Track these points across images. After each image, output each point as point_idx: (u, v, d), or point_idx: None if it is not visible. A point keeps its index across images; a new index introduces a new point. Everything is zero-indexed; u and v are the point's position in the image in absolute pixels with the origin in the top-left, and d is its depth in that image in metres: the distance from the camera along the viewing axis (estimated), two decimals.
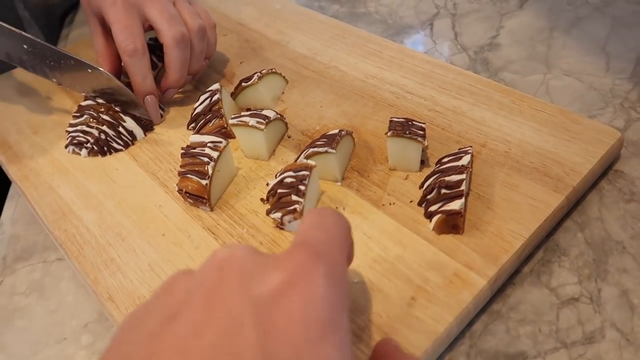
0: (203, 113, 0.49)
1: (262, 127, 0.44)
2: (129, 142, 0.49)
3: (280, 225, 0.40)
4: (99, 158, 0.48)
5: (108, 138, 0.48)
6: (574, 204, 0.41)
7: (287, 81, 0.55)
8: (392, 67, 0.55)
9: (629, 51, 0.57)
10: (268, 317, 0.19)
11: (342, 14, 0.72)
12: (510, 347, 0.33)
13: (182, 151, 0.43)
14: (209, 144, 0.42)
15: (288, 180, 0.39)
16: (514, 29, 0.64)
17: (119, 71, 0.54)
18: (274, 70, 0.52)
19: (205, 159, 0.41)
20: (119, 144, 0.48)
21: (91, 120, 0.48)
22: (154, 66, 0.55)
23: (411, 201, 0.40)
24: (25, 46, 0.47)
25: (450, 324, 0.32)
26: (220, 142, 0.43)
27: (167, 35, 0.47)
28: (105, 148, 0.48)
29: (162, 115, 0.52)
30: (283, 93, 0.54)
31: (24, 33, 0.46)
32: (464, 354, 0.34)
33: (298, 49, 0.60)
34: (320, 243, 0.23)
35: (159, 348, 0.19)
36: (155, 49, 0.56)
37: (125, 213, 0.43)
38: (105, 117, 0.48)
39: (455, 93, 0.50)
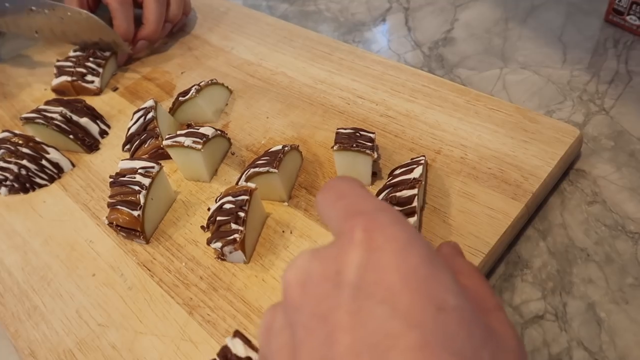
0: (137, 133, 0.45)
1: (199, 147, 0.40)
2: (55, 176, 0.45)
3: (221, 256, 0.36)
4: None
5: (29, 173, 0.43)
6: (536, 210, 0.39)
7: (230, 91, 0.51)
8: (342, 70, 0.52)
9: (585, 40, 0.55)
10: (376, 286, 0.18)
11: (292, 13, 0.69)
12: None
13: (111, 180, 0.39)
14: (139, 170, 0.38)
15: (227, 206, 0.36)
16: (469, 21, 0.61)
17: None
18: (214, 81, 0.49)
19: (137, 187, 0.38)
20: (42, 178, 0.44)
21: (9, 155, 0.43)
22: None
23: None
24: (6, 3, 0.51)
25: None
26: (153, 167, 0.39)
27: None
28: (28, 185, 0.44)
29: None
30: (227, 104, 0.50)
31: None
32: None
33: (243, 55, 0.57)
34: (354, 204, 0.21)
35: None
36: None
37: (52, 252, 0.39)
38: (24, 150, 0.43)
39: (408, 95, 0.47)
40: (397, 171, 0.38)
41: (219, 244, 0.35)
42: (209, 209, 0.38)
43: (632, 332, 0.31)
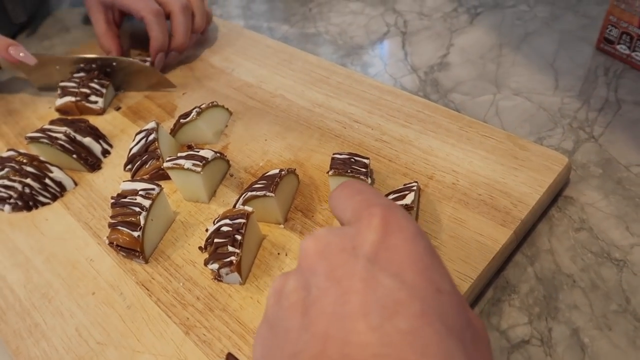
0: (139, 154, 0.46)
1: (199, 169, 0.41)
2: (57, 194, 0.46)
3: (217, 277, 0.37)
4: None
5: (33, 192, 0.44)
6: (524, 236, 0.40)
7: (230, 113, 0.53)
8: (339, 95, 0.53)
9: (577, 67, 0.56)
10: (388, 262, 0.21)
11: (292, 35, 0.71)
12: None
13: (112, 201, 0.40)
14: (140, 192, 0.40)
15: (224, 228, 0.37)
16: (464, 46, 0.63)
17: (120, 49, 0.62)
18: (215, 103, 0.50)
19: (137, 209, 0.39)
20: (45, 197, 0.45)
21: (13, 173, 0.44)
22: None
23: None
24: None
25: None
26: (153, 189, 0.40)
27: (175, 4, 0.57)
28: (31, 203, 0.45)
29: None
30: (226, 126, 0.52)
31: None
32: None
33: (244, 77, 0.58)
34: (371, 198, 0.24)
35: (315, 335, 0.20)
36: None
37: (54, 270, 0.40)
38: (28, 168, 0.44)
39: (403, 120, 0.49)
40: (390, 197, 0.39)
41: (215, 265, 0.36)
42: (207, 230, 0.39)
43: (614, 358, 0.32)
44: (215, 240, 0.37)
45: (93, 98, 0.55)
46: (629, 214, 0.41)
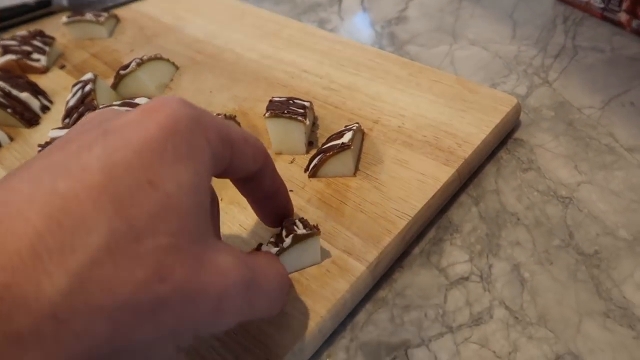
0: (76, 106, 0.44)
1: None
2: None
3: None
4: None
5: None
6: (471, 177, 0.39)
7: (177, 67, 0.51)
8: (290, 47, 0.51)
9: (536, 17, 0.55)
10: (119, 137, 0.19)
11: None
12: (393, 336, 0.31)
13: (39, 148, 0.38)
14: None
15: None
16: (424, 1, 0.61)
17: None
18: (158, 56, 0.48)
19: None
20: None
21: None
22: None
23: (291, 190, 0.37)
24: None
25: (323, 318, 0.29)
26: None
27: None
28: None
29: None
30: (172, 80, 0.50)
31: None
32: (344, 348, 0.30)
33: (194, 34, 0.56)
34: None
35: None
36: None
37: None
38: None
39: (352, 69, 0.47)
40: (330, 138, 0.38)
41: None
42: None
43: (553, 292, 0.31)
44: None
45: (35, 56, 0.53)
46: (579, 153, 0.39)
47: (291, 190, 0.37)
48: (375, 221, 0.34)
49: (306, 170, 0.38)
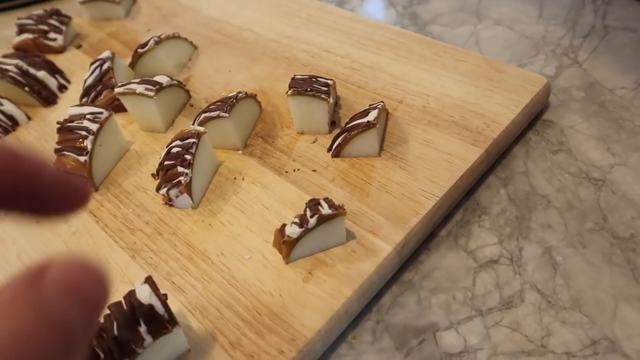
0: (93, 85, 0.43)
1: (152, 94, 0.39)
2: (9, 128, 0.44)
3: (168, 201, 0.35)
4: None
5: None
6: (499, 159, 0.38)
7: (195, 47, 0.50)
8: (309, 26, 0.50)
9: None
10: None
11: None
12: (420, 319, 0.30)
13: (58, 126, 0.38)
14: (87, 116, 0.37)
15: (175, 150, 0.35)
16: None
17: None
18: (176, 35, 0.47)
19: (84, 133, 0.36)
20: None
21: None
22: None
23: (314, 170, 0.36)
24: None
25: (349, 299, 0.29)
26: (101, 112, 0.38)
27: None
28: None
29: None
30: (190, 60, 0.49)
31: None
32: (369, 330, 0.30)
33: (211, 14, 0.55)
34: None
35: None
36: None
37: None
38: None
39: (374, 48, 0.46)
40: (354, 117, 0.37)
41: (165, 189, 0.34)
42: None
43: (587, 275, 0.30)
44: (166, 162, 0.35)
45: (52, 35, 0.52)
46: (611, 135, 0.38)
47: (314, 170, 0.36)
48: (402, 202, 0.33)
49: (329, 150, 0.37)
